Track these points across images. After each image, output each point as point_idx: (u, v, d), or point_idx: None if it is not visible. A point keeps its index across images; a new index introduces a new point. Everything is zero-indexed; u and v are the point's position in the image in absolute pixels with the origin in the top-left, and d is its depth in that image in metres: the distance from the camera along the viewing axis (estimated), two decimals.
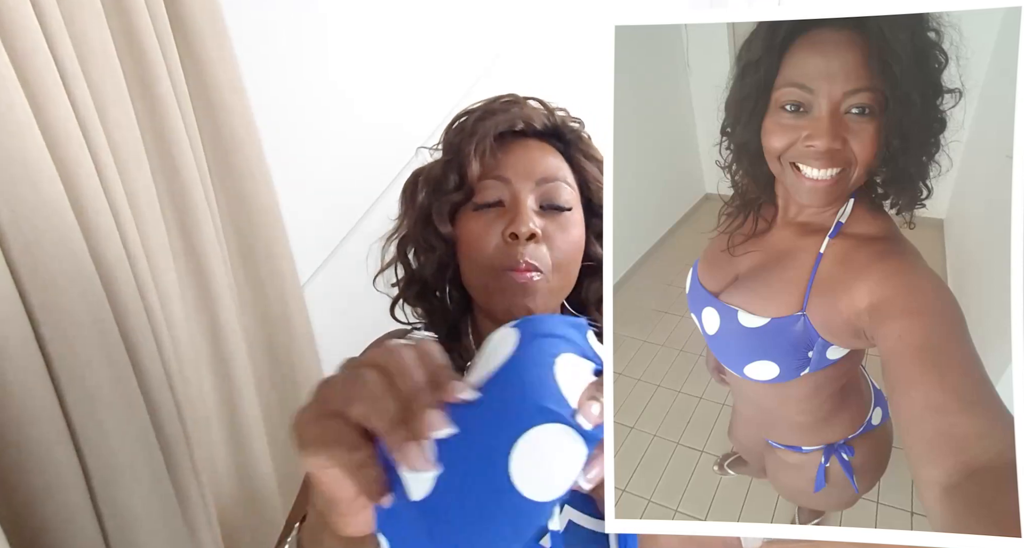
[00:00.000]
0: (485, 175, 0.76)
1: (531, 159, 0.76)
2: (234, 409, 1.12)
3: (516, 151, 0.77)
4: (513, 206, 0.74)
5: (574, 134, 0.81)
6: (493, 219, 0.75)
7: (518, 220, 0.73)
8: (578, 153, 0.80)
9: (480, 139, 0.75)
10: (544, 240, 0.74)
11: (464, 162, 0.76)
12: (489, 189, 0.76)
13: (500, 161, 0.76)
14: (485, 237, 0.75)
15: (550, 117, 0.80)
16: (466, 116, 0.82)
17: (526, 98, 0.82)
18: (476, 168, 0.75)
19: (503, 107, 0.80)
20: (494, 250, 0.74)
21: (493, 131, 0.76)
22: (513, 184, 0.75)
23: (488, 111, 0.79)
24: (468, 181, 0.76)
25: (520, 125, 0.77)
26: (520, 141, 0.78)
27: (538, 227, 0.73)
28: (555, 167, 0.77)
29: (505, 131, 0.77)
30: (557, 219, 0.76)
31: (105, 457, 0.83)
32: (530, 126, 0.78)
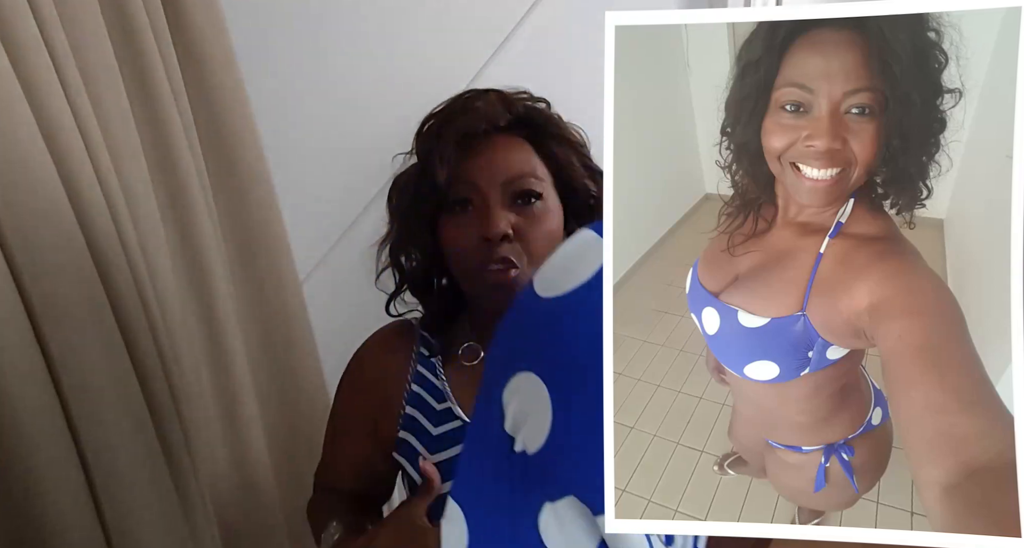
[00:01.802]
0: (454, 180, 0.77)
1: (496, 160, 0.77)
2: (233, 406, 1.12)
3: (482, 152, 0.78)
4: (483, 210, 0.76)
5: (541, 118, 0.81)
6: (467, 222, 0.77)
7: (487, 224, 0.75)
8: (547, 138, 0.81)
9: (444, 145, 0.77)
10: (518, 236, 0.76)
11: (431, 168, 0.77)
12: (458, 192, 0.77)
13: (466, 165, 0.77)
14: (461, 240, 0.77)
15: (511, 108, 0.80)
16: (432, 120, 0.83)
17: (487, 91, 0.82)
18: (443, 175, 0.76)
19: (464, 107, 0.80)
20: (471, 252, 0.77)
21: (455, 137, 0.77)
22: (480, 188, 0.76)
23: (451, 113, 0.80)
24: (437, 186, 0.77)
25: (483, 126, 0.78)
26: (484, 140, 0.78)
27: (510, 226, 0.75)
28: (520, 163, 0.78)
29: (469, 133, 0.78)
30: (529, 211, 0.77)
31: (104, 455, 0.83)
32: (493, 125, 0.78)
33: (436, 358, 0.85)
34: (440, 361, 0.85)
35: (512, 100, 0.81)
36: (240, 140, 1.09)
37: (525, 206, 0.77)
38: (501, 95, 0.82)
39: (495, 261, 0.75)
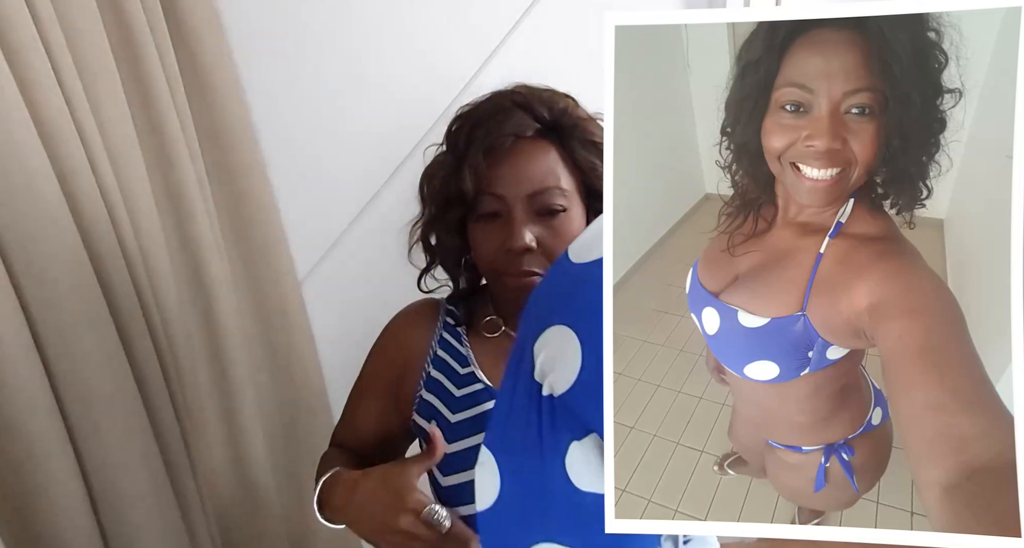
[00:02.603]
0: (480, 191, 0.79)
1: (521, 171, 0.78)
2: (231, 406, 1.12)
3: (506, 163, 0.79)
4: (508, 221, 0.78)
5: (568, 123, 0.82)
6: (493, 230, 0.79)
7: (512, 237, 0.77)
8: (573, 141, 0.81)
9: (471, 157, 0.78)
10: (541, 246, 0.78)
11: (460, 179, 0.79)
12: (485, 203, 0.79)
13: (493, 175, 0.78)
14: (486, 247, 0.80)
15: (538, 115, 0.80)
16: (459, 122, 0.83)
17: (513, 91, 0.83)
18: (470, 186, 0.78)
19: (493, 112, 0.81)
20: (495, 259, 0.80)
21: (483, 147, 0.78)
22: (506, 200, 0.78)
23: (477, 122, 0.81)
24: (466, 196, 0.79)
25: (510, 142, 0.79)
26: (511, 149, 0.79)
27: (533, 238, 0.77)
28: (544, 174, 0.79)
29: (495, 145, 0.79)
30: (552, 223, 0.79)
31: (102, 455, 0.83)
32: (520, 135, 0.79)
33: (461, 327, 0.89)
34: (465, 330, 0.89)
35: (538, 104, 0.81)
36: (238, 141, 1.09)
37: (550, 218, 0.79)
38: (527, 96, 0.82)
39: (518, 270, 0.78)
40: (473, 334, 0.89)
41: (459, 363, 0.86)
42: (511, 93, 0.82)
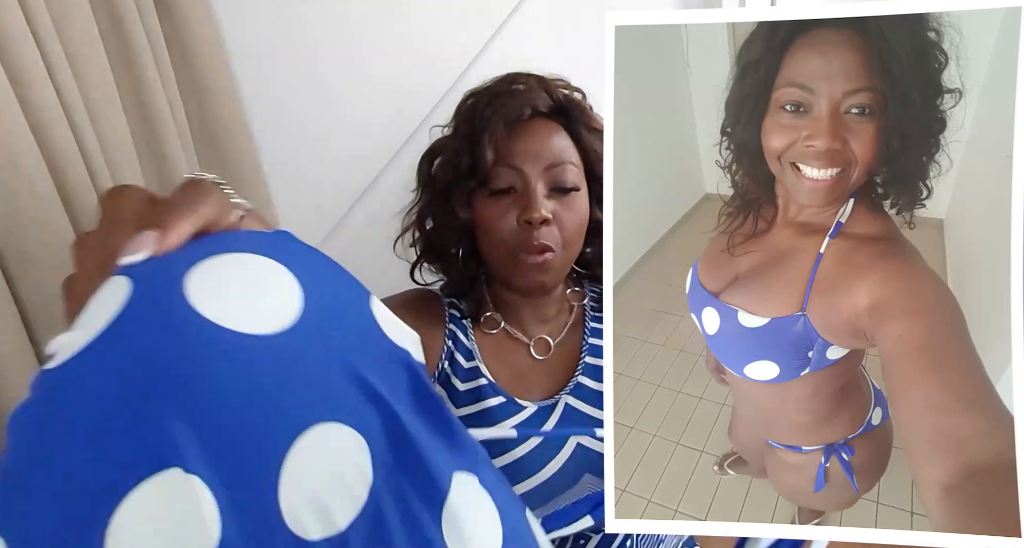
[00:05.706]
0: (497, 163, 0.80)
1: (539, 145, 0.80)
2: None
3: (524, 137, 0.80)
4: (525, 194, 0.79)
5: (577, 109, 0.84)
6: (507, 205, 0.80)
7: (531, 207, 0.77)
8: (580, 126, 0.84)
9: (492, 128, 0.79)
10: (555, 221, 0.79)
11: (477, 151, 0.79)
12: (501, 176, 0.80)
13: (510, 148, 0.80)
14: (500, 222, 0.80)
15: (552, 95, 0.83)
16: (474, 98, 0.85)
17: (528, 74, 0.85)
18: (490, 157, 0.79)
19: (508, 90, 0.83)
20: (509, 234, 0.80)
21: (503, 120, 0.80)
22: (524, 172, 0.79)
23: (495, 95, 0.83)
24: (482, 168, 0.80)
25: (528, 113, 0.81)
26: (527, 124, 0.81)
27: (549, 211, 0.78)
28: (561, 149, 0.81)
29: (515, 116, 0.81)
30: (565, 200, 0.80)
31: None
32: (536, 109, 0.82)
33: (467, 320, 0.90)
34: (470, 323, 0.89)
35: (552, 87, 0.84)
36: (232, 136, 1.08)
37: (563, 194, 0.81)
38: (541, 79, 0.85)
39: (533, 243, 0.78)
40: (475, 328, 0.89)
41: (464, 357, 0.86)
42: (525, 74, 0.85)
